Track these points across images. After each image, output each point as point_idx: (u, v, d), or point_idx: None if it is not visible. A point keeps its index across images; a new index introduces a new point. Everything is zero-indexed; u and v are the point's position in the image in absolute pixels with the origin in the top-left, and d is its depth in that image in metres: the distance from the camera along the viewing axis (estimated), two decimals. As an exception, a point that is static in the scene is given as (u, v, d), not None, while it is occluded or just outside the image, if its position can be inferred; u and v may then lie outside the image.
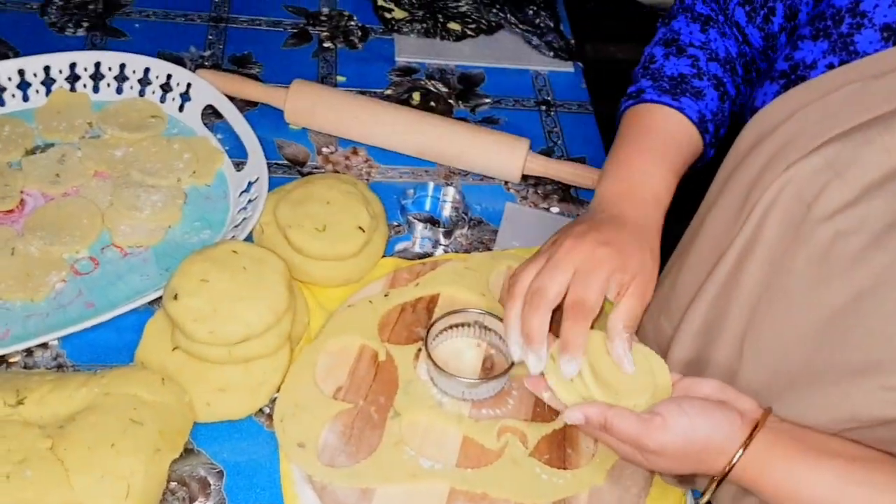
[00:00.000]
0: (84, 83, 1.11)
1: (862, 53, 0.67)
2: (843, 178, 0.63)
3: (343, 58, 1.28)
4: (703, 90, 0.84)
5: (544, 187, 1.13)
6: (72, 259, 0.93)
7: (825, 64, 0.68)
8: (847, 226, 0.63)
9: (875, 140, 0.62)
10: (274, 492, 0.78)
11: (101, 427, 0.72)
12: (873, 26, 0.66)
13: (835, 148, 0.64)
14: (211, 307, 0.79)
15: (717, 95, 0.85)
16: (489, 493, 0.77)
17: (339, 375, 0.84)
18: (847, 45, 0.67)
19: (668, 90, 0.85)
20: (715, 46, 0.85)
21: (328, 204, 0.94)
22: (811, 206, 0.64)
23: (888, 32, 0.65)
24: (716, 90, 0.85)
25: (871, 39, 0.66)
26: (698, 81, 0.85)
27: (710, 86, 0.85)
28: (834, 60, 0.68)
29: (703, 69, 0.85)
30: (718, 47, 0.85)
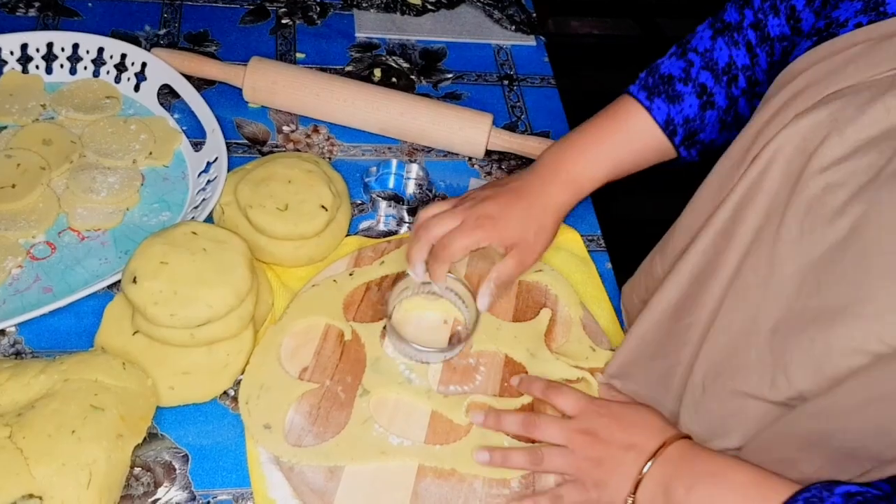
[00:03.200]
0: (36, 64, 1.09)
1: (891, 15, 0.67)
2: (842, 133, 0.64)
3: (302, 34, 1.26)
4: (682, 95, 0.88)
5: (508, 162, 1.12)
6: (28, 244, 0.91)
7: (855, 23, 0.69)
8: (836, 179, 0.64)
9: (878, 98, 0.63)
10: (241, 474, 0.77)
11: (61, 414, 0.71)
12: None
13: (839, 103, 0.65)
14: (171, 290, 0.78)
15: (697, 103, 0.87)
16: (458, 468, 0.77)
17: (305, 356, 0.84)
18: (878, 6, 0.68)
19: (649, 87, 0.89)
20: (716, 56, 0.87)
21: (290, 183, 0.93)
22: (811, 158, 0.66)
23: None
24: (697, 98, 0.87)
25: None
26: (682, 86, 0.88)
27: (693, 93, 0.87)
28: (863, 20, 0.69)
29: (691, 75, 0.88)
30: (720, 56, 0.87)
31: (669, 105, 0.88)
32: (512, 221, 0.86)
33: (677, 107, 0.88)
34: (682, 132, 0.88)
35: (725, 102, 0.88)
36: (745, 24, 0.86)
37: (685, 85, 0.88)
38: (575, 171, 0.89)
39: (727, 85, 0.87)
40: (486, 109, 1.11)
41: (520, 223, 0.86)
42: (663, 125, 0.88)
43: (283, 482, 0.76)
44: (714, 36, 0.88)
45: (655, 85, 0.89)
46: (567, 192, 0.89)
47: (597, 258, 1.01)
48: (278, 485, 0.76)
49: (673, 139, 0.89)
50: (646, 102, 0.89)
